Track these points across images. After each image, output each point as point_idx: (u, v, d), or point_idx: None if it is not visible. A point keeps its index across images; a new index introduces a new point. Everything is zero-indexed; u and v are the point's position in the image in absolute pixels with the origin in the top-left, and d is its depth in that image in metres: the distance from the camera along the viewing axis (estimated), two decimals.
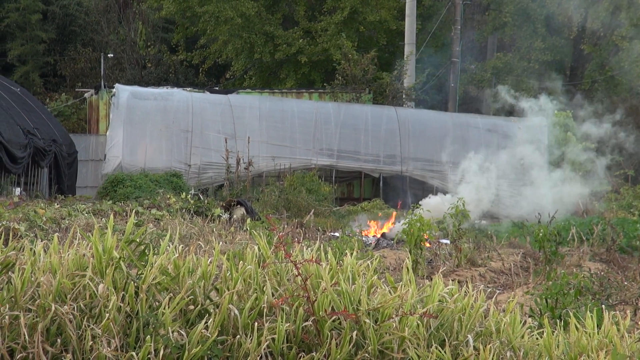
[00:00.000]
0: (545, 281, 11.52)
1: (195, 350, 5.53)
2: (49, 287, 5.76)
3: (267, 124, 29.54)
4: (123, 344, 5.59)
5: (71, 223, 14.43)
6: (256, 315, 5.97)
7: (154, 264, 6.11)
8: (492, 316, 6.72)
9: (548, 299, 9.14)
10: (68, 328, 5.50)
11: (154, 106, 29.02)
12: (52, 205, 17.91)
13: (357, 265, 6.81)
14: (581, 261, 15.11)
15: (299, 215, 21.05)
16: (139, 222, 16.45)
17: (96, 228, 6.29)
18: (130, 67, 42.27)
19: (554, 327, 7.13)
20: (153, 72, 42.13)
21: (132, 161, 27.69)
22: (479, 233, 18.93)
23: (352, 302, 6.15)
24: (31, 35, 42.12)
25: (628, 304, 10.31)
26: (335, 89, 33.64)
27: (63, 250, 6.32)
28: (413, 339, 6.04)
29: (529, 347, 6.53)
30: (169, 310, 5.78)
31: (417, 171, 29.61)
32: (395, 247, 17.50)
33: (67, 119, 34.57)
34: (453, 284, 7.12)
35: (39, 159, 26.44)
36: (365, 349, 5.83)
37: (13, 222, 13.25)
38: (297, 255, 6.53)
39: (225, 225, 18.17)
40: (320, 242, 8.52)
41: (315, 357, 5.74)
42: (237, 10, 37.51)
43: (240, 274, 6.33)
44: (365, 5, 37.52)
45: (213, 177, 28.31)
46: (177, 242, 7.03)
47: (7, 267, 6.08)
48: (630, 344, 6.60)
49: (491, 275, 13.90)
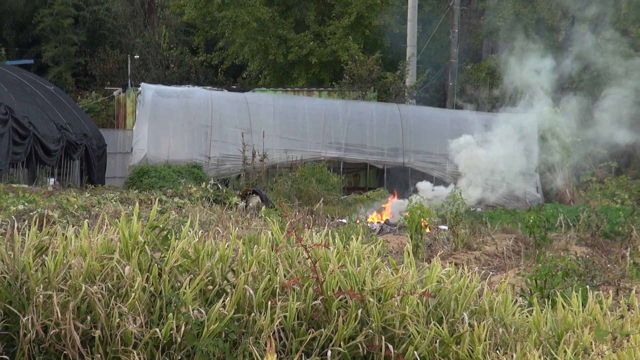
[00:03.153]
0: (535, 264, 11.50)
1: (213, 327, 5.54)
2: (80, 269, 5.76)
3: (281, 120, 29.52)
4: (147, 321, 5.60)
5: (100, 210, 14.43)
6: (269, 294, 5.97)
7: (175, 248, 6.11)
8: (486, 296, 6.71)
9: (537, 280, 9.13)
10: (97, 306, 5.51)
11: (176, 103, 29.02)
12: (83, 194, 17.94)
13: (362, 249, 6.80)
14: (568, 245, 15.10)
15: (309, 203, 21.04)
16: (163, 209, 16.46)
17: (123, 215, 6.29)
18: (154, 68, 42.28)
19: (543, 305, 7.12)
20: (176, 72, 42.15)
21: (157, 154, 27.69)
22: (475, 219, 18.92)
23: (358, 282, 6.14)
24: (64, 38, 42.15)
25: (610, 285, 10.29)
26: (343, 87, 33.63)
27: (92, 235, 6.33)
28: (413, 316, 6.03)
29: (520, 324, 6.53)
30: (190, 290, 5.78)
31: (418, 163, 29.56)
32: (398, 233, 17.50)
33: (97, 115, 34.62)
34: (450, 266, 7.11)
35: (71, 151, 26.51)
36: (370, 326, 5.83)
37: (47, 210, 13.28)
38: (307, 240, 6.53)
39: (242, 212, 18.18)
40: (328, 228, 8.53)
41: (324, 333, 5.74)
42: (252, 15, 37.50)
43: (255, 257, 6.33)
44: (371, 11, 37.44)
45: (231, 169, 28.30)
46: (197, 228, 7.04)
47: (41, 251, 6.09)
48: (612, 321, 6.59)
49: (485, 258, 13.89)
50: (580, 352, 5.78)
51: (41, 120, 25.01)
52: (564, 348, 5.85)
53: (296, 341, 5.71)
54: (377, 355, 5.72)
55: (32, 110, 25.04)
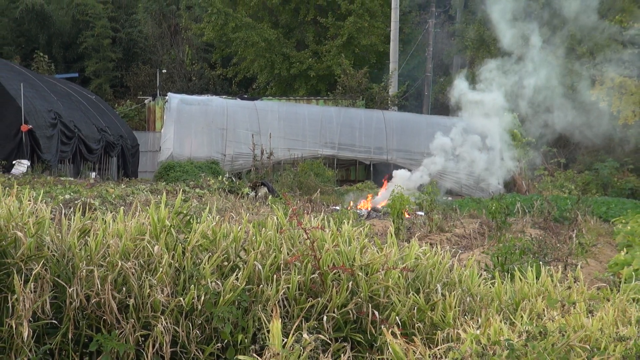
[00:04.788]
0: (497, 243, 11.51)
1: (228, 296, 5.53)
2: (116, 248, 5.76)
3: (284, 124, 29.50)
4: (173, 292, 5.59)
5: (134, 199, 14.42)
6: (275, 269, 5.97)
7: (196, 230, 6.10)
8: (456, 270, 6.71)
9: (499, 257, 9.14)
10: (131, 279, 5.50)
11: (197, 110, 28.99)
12: (119, 186, 17.92)
13: (353, 231, 6.79)
14: (524, 228, 15.12)
15: (308, 193, 21.04)
16: (186, 198, 16.43)
17: (153, 203, 6.28)
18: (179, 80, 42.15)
19: (503, 278, 7.13)
20: (197, 84, 42.02)
21: (181, 152, 27.68)
22: (446, 207, 18.93)
23: (349, 259, 6.14)
24: (103, 55, 42.03)
25: (560, 261, 10.30)
26: (337, 96, 33.64)
27: (127, 219, 6.31)
28: (395, 287, 6.03)
29: (484, 294, 6.53)
30: (208, 266, 5.77)
31: (399, 159, 29.55)
32: (383, 218, 17.50)
33: (131, 119, 34.53)
34: (426, 245, 7.11)
35: (110, 150, 26.49)
36: (359, 295, 5.83)
37: (89, 198, 13.26)
38: (306, 224, 6.52)
39: (252, 201, 18.16)
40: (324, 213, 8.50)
41: (320, 302, 5.73)
42: (261, 36, 37.46)
43: (263, 238, 6.32)
44: (360, 33, 37.36)
45: (243, 164, 28.29)
46: (215, 214, 7.02)
47: (84, 233, 6.08)
48: (561, 292, 6.60)
49: (455, 239, 13.89)
50: (535, 317, 5.78)
51: (84, 124, 24.98)
52: (520, 314, 5.85)
53: (297, 308, 5.70)
54: (365, 320, 5.72)
55: (77, 115, 25.01)
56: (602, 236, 15.70)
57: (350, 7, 37.21)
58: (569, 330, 4.88)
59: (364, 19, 37.22)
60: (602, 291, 7.23)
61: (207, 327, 5.49)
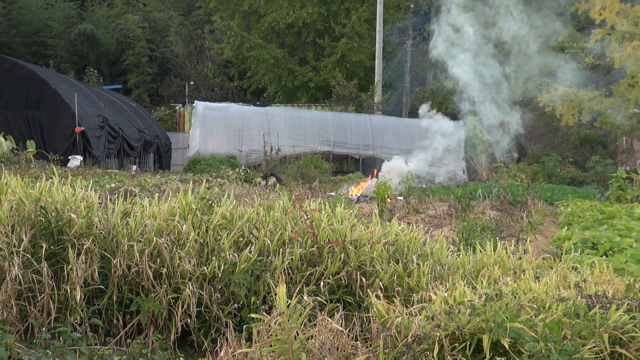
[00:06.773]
0: (462, 222, 11.51)
1: (243, 266, 5.53)
2: (152, 226, 5.75)
3: (289, 125, 29.45)
4: (198, 262, 5.60)
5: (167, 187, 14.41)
6: (281, 244, 5.97)
7: (217, 212, 6.10)
8: (428, 244, 6.71)
9: (463, 234, 9.14)
10: (164, 252, 5.50)
11: (218, 114, 28.93)
12: (155, 176, 17.90)
13: (344, 213, 6.79)
14: (484, 210, 15.12)
15: (309, 182, 21.04)
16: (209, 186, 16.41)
17: (182, 190, 6.28)
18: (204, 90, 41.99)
19: (467, 251, 7.13)
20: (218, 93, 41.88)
21: (205, 149, 27.65)
22: (421, 193, 18.92)
23: (341, 235, 6.14)
24: (142, 70, 41.88)
25: (513, 237, 10.31)
26: (332, 103, 33.60)
27: (161, 204, 6.32)
28: (378, 258, 6.03)
29: (451, 263, 6.53)
30: (227, 241, 5.77)
31: (383, 154, 29.47)
32: (369, 202, 17.49)
33: (165, 122, 34.43)
34: (404, 224, 7.11)
35: (147, 147, 26.46)
36: (349, 265, 5.83)
37: (131, 187, 13.25)
38: (307, 207, 6.52)
39: (263, 188, 18.16)
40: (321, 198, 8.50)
41: (318, 270, 5.74)
42: (270, 54, 37.39)
43: (271, 218, 6.32)
44: (351, 51, 37.25)
45: (255, 159, 28.26)
46: (232, 199, 7.02)
47: (126, 215, 6.08)
48: (513, 261, 6.60)
49: (428, 219, 13.89)
50: (492, 282, 5.79)
51: (127, 126, 24.94)
52: (481, 280, 5.86)
53: (299, 275, 5.70)
54: (354, 285, 5.72)
55: (121, 119, 24.97)
56: (547, 216, 15.71)
57: (343, 31, 37.18)
58: (520, 293, 4.89)
59: (354, 40, 37.13)
60: (547, 261, 7.24)
61: (226, 291, 5.49)
